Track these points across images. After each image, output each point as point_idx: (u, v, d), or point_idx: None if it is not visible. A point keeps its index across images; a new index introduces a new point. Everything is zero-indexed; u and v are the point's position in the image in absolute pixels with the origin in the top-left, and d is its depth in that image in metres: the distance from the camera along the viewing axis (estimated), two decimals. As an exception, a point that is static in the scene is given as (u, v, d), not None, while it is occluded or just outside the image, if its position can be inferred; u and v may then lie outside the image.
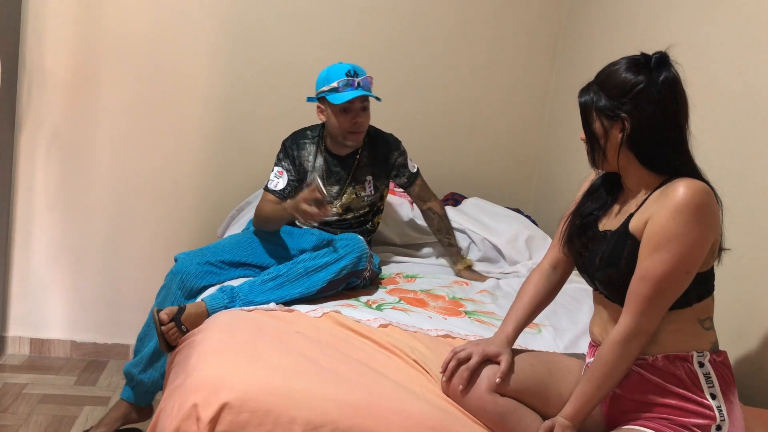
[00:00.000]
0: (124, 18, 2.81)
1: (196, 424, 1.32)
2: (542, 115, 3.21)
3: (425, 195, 2.51)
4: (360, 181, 2.36)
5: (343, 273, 2.02)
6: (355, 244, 2.07)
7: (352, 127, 2.24)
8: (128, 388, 2.22)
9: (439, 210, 2.53)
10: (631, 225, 1.37)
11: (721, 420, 1.32)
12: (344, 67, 2.22)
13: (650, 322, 1.34)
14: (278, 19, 2.92)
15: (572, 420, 1.37)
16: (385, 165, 2.41)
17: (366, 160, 2.37)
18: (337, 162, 2.34)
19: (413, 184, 2.48)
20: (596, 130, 1.40)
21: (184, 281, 2.09)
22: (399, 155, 2.43)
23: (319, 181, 2.01)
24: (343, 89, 2.19)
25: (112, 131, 2.88)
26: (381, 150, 2.40)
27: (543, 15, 3.11)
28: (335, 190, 2.34)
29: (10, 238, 2.88)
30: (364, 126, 2.28)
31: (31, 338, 2.96)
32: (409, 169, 2.46)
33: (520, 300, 1.59)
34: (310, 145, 2.34)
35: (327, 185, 2.31)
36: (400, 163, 2.44)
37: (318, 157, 2.33)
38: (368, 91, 2.23)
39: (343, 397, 1.39)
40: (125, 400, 2.22)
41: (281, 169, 2.30)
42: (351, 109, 2.23)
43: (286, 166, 2.31)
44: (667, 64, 1.36)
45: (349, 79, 2.19)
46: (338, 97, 2.19)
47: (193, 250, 2.20)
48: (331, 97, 2.21)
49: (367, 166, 2.37)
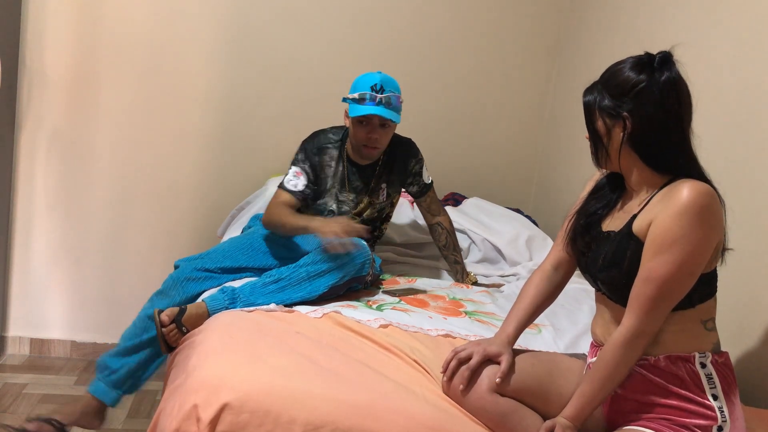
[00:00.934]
0: (124, 18, 2.81)
1: (196, 424, 1.32)
2: (542, 115, 3.21)
3: (435, 209, 2.44)
4: (376, 191, 2.32)
5: (345, 279, 2.00)
6: (358, 251, 2.03)
7: (367, 141, 2.18)
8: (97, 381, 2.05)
9: (448, 226, 2.44)
10: (634, 226, 1.37)
11: (723, 421, 1.32)
12: (373, 79, 2.14)
13: (654, 324, 1.34)
14: (278, 19, 2.92)
15: (573, 420, 1.37)
16: (402, 172, 2.35)
17: (385, 169, 2.32)
18: (356, 171, 2.29)
19: (425, 195, 2.41)
20: (599, 129, 1.40)
21: (184, 289, 2.07)
22: (416, 162, 2.37)
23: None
24: (364, 102, 2.12)
25: (112, 131, 2.88)
26: (400, 156, 2.33)
27: (543, 15, 3.11)
28: (351, 198, 2.30)
29: (10, 238, 2.88)
30: (380, 143, 2.19)
31: (31, 338, 2.96)
32: (423, 179, 2.39)
33: (522, 300, 1.59)
34: (333, 150, 2.26)
35: (344, 192, 2.28)
36: (416, 171, 2.37)
37: (339, 165, 2.27)
38: (389, 110, 2.12)
39: (344, 398, 1.39)
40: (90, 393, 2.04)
41: (299, 170, 2.22)
42: (368, 123, 2.16)
43: (305, 168, 2.23)
44: (670, 63, 1.36)
45: (372, 94, 2.11)
46: (356, 109, 2.13)
47: (192, 256, 2.16)
48: (350, 108, 2.17)
49: (384, 174, 2.32)
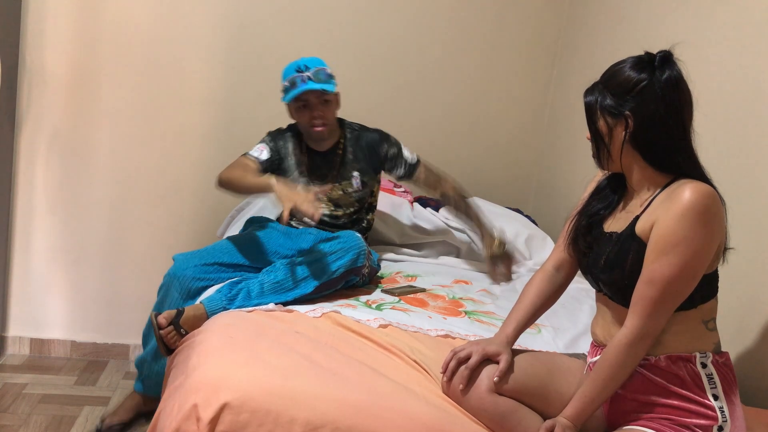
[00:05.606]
0: (124, 18, 2.81)
1: (196, 424, 1.32)
2: (542, 115, 3.21)
3: (432, 181, 2.39)
4: (346, 177, 2.34)
5: (341, 271, 2.01)
6: (352, 242, 2.06)
7: (312, 121, 2.23)
8: (139, 381, 2.26)
9: (452, 192, 2.37)
10: (637, 227, 1.37)
11: (723, 421, 1.32)
12: (295, 64, 2.20)
13: (657, 325, 1.34)
14: (278, 19, 2.92)
15: (574, 420, 1.37)
16: (372, 159, 2.37)
17: (351, 156, 2.35)
18: (319, 158, 2.34)
19: (416, 173, 2.39)
20: (600, 129, 1.41)
21: (182, 283, 2.08)
22: (390, 146, 2.37)
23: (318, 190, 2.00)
24: (295, 86, 2.17)
25: (112, 131, 2.88)
26: (366, 144, 2.37)
27: (543, 15, 3.11)
28: (316, 186, 2.33)
29: (10, 238, 2.88)
30: (325, 118, 2.24)
31: (31, 338, 2.96)
32: (406, 159, 2.38)
33: (522, 301, 1.59)
34: (291, 141, 2.34)
35: (314, 181, 2.32)
36: (393, 154, 2.37)
37: (302, 155, 2.33)
38: (320, 83, 2.17)
39: (343, 397, 1.39)
40: (137, 392, 2.27)
41: (263, 145, 2.30)
42: (308, 105, 2.21)
43: (270, 146, 2.31)
44: (671, 62, 1.36)
45: (299, 75, 2.16)
46: (290, 94, 2.19)
47: (191, 252, 2.18)
48: (286, 96, 2.22)
49: (353, 162, 2.35)
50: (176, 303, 2.06)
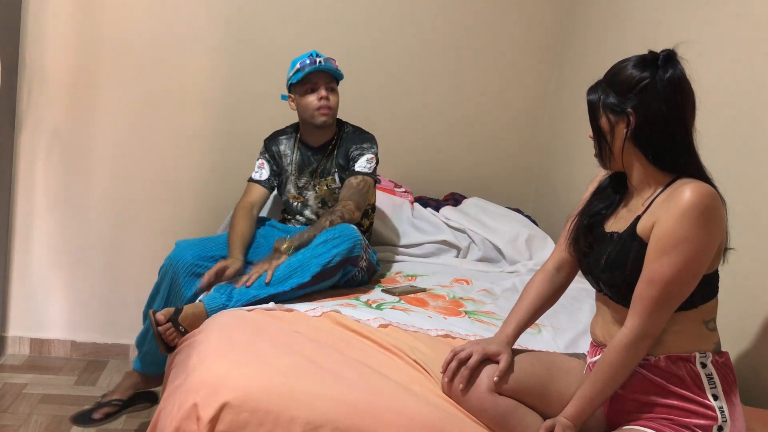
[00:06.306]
0: (124, 18, 2.81)
1: (196, 423, 1.32)
2: (542, 115, 3.21)
3: (344, 194, 2.26)
4: (330, 173, 2.37)
5: (337, 259, 1.99)
6: (348, 232, 2.06)
7: (319, 105, 2.28)
8: (138, 359, 2.29)
9: (336, 211, 2.16)
10: (638, 227, 1.37)
11: (723, 421, 1.32)
12: (307, 53, 2.32)
13: (657, 325, 1.34)
14: (278, 19, 2.92)
15: (574, 420, 1.37)
16: (344, 157, 2.38)
17: (337, 153, 2.38)
18: (311, 153, 2.39)
19: (347, 180, 2.30)
20: (603, 126, 1.41)
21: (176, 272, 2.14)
22: (356, 149, 2.34)
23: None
24: (305, 69, 2.28)
25: (112, 131, 2.88)
26: (351, 142, 2.37)
27: (543, 15, 3.11)
28: (303, 181, 2.39)
29: (10, 239, 2.88)
30: (331, 103, 2.31)
31: (31, 338, 2.96)
32: (355, 167, 2.31)
33: (522, 301, 1.59)
34: (288, 140, 2.43)
35: (302, 178, 2.39)
36: (353, 156, 2.34)
37: (295, 151, 2.40)
38: (329, 67, 2.30)
39: (343, 397, 1.39)
40: (135, 371, 2.29)
41: (262, 160, 2.42)
42: (316, 88, 2.29)
43: (266, 158, 2.42)
44: (674, 61, 1.36)
45: (311, 59, 2.28)
46: (297, 75, 2.28)
47: (193, 239, 2.25)
48: (295, 77, 2.29)
49: (337, 158, 2.38)
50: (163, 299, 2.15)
